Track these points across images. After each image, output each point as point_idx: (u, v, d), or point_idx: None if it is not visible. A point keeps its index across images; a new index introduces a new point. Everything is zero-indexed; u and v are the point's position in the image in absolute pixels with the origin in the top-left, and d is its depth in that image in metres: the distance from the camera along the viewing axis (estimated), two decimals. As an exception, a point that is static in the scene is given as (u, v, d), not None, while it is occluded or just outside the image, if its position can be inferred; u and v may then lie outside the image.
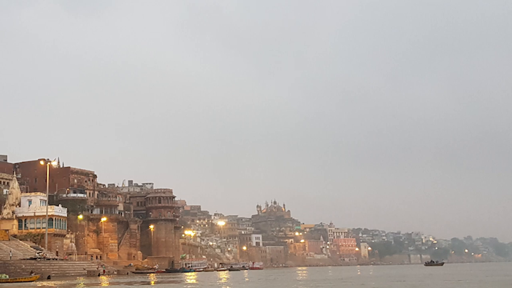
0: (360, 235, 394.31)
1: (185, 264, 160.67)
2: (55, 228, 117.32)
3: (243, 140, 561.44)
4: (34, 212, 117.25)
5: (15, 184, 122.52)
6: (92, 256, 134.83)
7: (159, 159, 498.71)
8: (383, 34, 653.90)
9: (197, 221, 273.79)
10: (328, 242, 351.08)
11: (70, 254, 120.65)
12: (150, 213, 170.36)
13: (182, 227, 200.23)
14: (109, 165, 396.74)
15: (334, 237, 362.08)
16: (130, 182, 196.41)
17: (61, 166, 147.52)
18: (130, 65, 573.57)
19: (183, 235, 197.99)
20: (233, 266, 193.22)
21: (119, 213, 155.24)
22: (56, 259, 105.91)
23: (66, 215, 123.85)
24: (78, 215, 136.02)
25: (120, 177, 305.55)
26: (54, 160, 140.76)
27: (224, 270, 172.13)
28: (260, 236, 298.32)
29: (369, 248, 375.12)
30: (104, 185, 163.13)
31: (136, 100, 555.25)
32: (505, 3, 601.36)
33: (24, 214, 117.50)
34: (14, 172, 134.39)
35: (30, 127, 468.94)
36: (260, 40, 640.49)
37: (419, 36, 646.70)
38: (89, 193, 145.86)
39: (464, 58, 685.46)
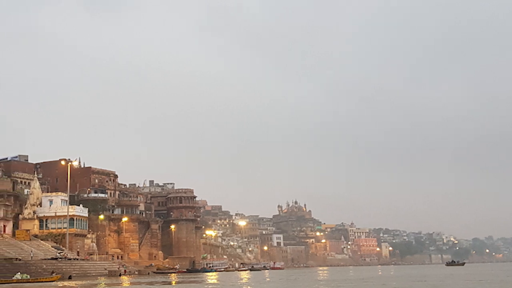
0: (381, 235, 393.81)
1: (206, 264, 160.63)
2: (76, 228, 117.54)
3: (264, 140, 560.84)
4: (55, 212, 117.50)
5: (36, 184, 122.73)
6: (113, 256, 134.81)
7: (180, 159, 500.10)
8: (402, 34, 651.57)
9: (218, 221, 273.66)
10: (349, 242, 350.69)
11: (91, 254, 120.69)
12: (171, 213, 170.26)
13: (203, 227, 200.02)
14: (130, 165, 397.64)
15: (355, 237, 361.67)
16: (151, 182, 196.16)
17: (82, 166, 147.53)
18: (150, 64, 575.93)
19: (204, 235, 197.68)
20: (254, 266, 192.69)
21: (140, 213, 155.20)
22: (77, 259, 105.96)
23: (87, 215, 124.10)
24: (99, 215, 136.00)
25: (141, 177, 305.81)
26: (75, 160, 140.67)
27: (245, 270, 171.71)
28: (281, 236, 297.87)
29: (390, 248, 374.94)
30: (125, 185, 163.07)
31: (157, 100, 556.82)
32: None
33: (45, 214, 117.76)
34: (35, 172, 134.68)
35: (51, 127, 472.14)
36: (279, 41, 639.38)
37: (438, 36, 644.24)
38: (110, 193, 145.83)
39: (483, 58, 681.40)
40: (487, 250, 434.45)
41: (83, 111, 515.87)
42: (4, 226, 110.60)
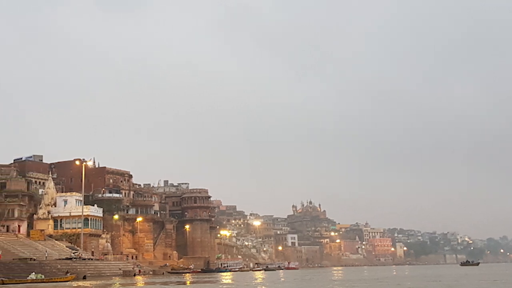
0: (396, 235, 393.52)
1: (221, 264, 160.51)
2: (90, 228, 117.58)
3: (278, 140, 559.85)
4: (70, 212, 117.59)
5: (50, 184, 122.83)
6: (127, 256, 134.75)
7: (195, 159, 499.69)
8: (418, 33, 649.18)
9: (233, 221, 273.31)
10: (363, 242, 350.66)
11: (106, 254, 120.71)
12: (186, 213, 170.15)
13: (218, 227, 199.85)
14: (144, 165, 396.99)
15: (369, 237, 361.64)
16: (166, 182, 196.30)
17: (96, 166, 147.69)
18: (165, 64, 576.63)
19: (218, 235, 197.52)
20: (269, 266, 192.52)
21: (154, 213, 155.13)
22: (91, 259, 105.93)
23: (101, 215, 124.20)
24: (114, 215, 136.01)
25: (156, 177, 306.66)
26: (90, 160, 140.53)
27: (260, 270, 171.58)
28: (295, 236, 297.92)
29: (405, 248, 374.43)
30: (139, 185, 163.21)
31: (171, 100, 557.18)
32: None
33: (60, 214, 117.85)
34: (50, 172, 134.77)
35: (66, 127, 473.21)
36: (294, 40, 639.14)
37: (455, 35, 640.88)
38: (125, 193, 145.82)
39: (496, 58, 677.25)
40: (502, 250, 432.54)
41: (98, 111, 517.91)
42: (19, 226, 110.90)
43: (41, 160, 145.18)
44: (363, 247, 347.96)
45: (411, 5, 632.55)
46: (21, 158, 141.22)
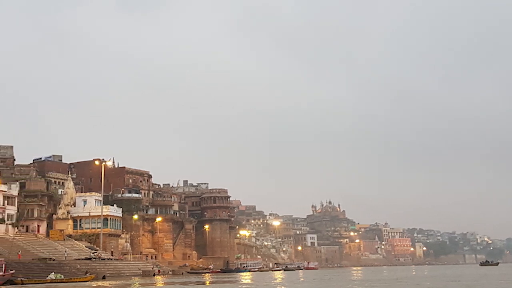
0: (415, 235, 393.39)
1: (240, 264, 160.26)
2: (110, 228, 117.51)
3: (297, 140, 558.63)
4: (89, 212, 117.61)
5: (70, 184, 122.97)
6: (147, 256, 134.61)
7: (214, 159, 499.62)
8: (437, 33, 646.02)
9: (252, 221, 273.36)
10: (383, 242, 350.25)
11: (125, 254, 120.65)
12: (205, 213, 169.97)
13: (237, 227, 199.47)
14: (164, 165, 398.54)
15: (389, 237, 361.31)
16: (185, 182, 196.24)
17: (116, 166, 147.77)
18: (183, 64, 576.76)
19: (238, 235, 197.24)
20: (288, 266, 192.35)
21: (174, 213, 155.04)
22: (111, 259, 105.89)
23: (121, 215, 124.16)
24: (133, 215, 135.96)
25: (175, 177, 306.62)
26: (109, 160, 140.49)
27: (279, 270, 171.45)
28: (315, 236, 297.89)
29: (424, 248, 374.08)
30: (159, 185, 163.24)
31: (190, 100, 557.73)
32: None
33: (79, 214, 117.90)
34: (69, 172, 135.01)
35: (85, 127, 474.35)
36: (313, 41, 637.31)
37: (472, 36, 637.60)
38: (144, 193, 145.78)
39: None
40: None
41: (117, 111, 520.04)
42: (38, 226, 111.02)
43: (61, 160, 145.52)
44: (383, 247, 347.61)
45: (430, 5, 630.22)
46: (41, 158, 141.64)
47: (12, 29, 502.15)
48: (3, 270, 68.17)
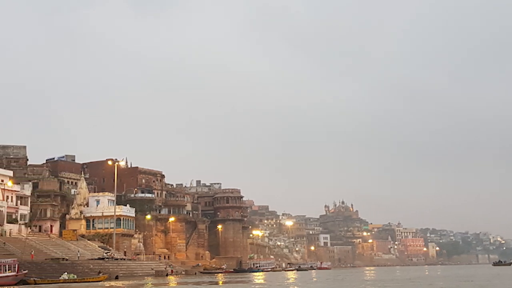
0: (428, 235, 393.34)
1: (253, 264, 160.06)
2: (123, 228, 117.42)
3: (310, 140, 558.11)
4: (102, 212, 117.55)
5: (83, 184, 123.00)
6: (160, 256, 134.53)
7: (228, 159, 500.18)
8: (449, 33, 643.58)
9: (265, 221, 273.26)
10: (396, 242, 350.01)
11: (138, 254, 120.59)
12: (218, 213, 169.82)
13: (250, 227, 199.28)
14: (177, 165, 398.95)
15: (402, 237, 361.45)
16: (198, 182, 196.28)
17: (129, 166, 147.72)
18: (196, 64, 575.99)
19: (251, 235, 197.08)
20: (301, 266, 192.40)
21: (187, 213, 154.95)
22: (124, 259, 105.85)
23: (134, 215, 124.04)
24: (146, 215, 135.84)
25: (188, 177, 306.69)
26: (122, 160, 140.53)
27: (292, 270, 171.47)
28: (328, 236, 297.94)
29: (437, 248, 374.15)
30: (172, 185, 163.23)
31: (203, 100, 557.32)
32: None
33: (92, 214, 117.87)
34: (82, 172, 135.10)
35: (98, 127, 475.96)
36: (324, 40, 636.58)
37: (483, 36, 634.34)
38: (157, 193, 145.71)
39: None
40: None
41: (131, 110, 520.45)
42: (51, 226, 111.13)
43: (74, 160, 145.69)
44: (396, 247, 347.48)
45: (442, 4, 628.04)
46: (54, 158, 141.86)
47: (26, 29, 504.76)
48: (16, 270, 68.24)
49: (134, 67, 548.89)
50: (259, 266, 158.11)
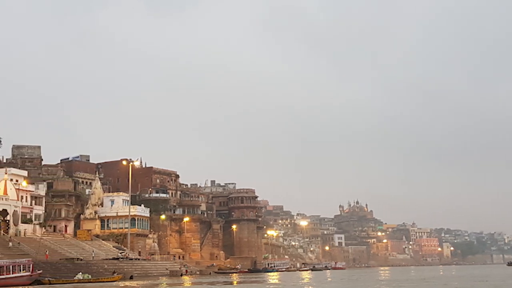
0: (443, 235, 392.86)
1: (268, 264, 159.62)
2: (137, 228, 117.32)
3: (325, 140, 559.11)
4: (117, 212, 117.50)
5: (97, 184, 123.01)
6: (174, 256, 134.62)
7: (241, 159, 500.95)
8: (464, 32, 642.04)
9: (280, 221, 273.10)
10: (410, 242, 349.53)
11: (153, 254, 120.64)
12: (233, 213, 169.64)
13: (265, 227, 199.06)
14: (191, 165, 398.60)
15: (416, 237, 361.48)
16: (213, 182, 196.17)
17: (143, 166, 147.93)
18: (210, 64, 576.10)
19: (265, 235, 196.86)
20: (316, 266, 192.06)
21: (201, 213, 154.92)
22: (138, 259, 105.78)
23: (148, 215, 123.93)
24: (161, 215, 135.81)
25: (203, 177, 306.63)
26: (137, 160, 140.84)
27: (307, 270, 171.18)
28: (342, 236, 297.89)
29: (452, 248, 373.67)
30: (186, 185, 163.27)
31: (217, 100, 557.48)
32: None
33: (107, 214, 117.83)
34: (97, 172, 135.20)
35: (113, 127, 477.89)
36: (340, 40, 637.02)
37: (501, 36, 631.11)
38: (172, 193, 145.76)
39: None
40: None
41: (145, 111, 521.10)
42: (66, 226, 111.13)
43: (88, 160, 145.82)
44: (410, 247, 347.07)
45: (457, 4, 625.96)
46: (68, 158, 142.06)
47: (39, 30, 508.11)
48: (31, 270, 68.20)
49: (147, 67, 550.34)
50: (274, 266, 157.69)
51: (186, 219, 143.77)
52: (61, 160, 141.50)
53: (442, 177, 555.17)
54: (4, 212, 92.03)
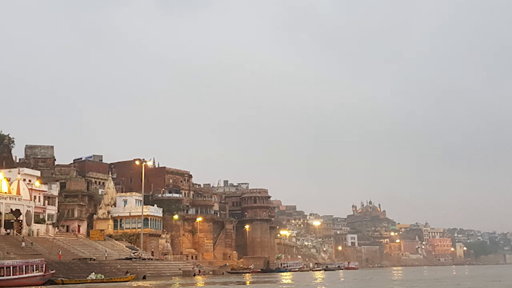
0: (456, 235, 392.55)
1: (281, 264, 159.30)
2: (150, 228, 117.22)
3: (337, 139, 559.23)
4: (130, 212, 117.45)
5: (110, 184, 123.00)
6: (187, 256, 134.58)
7: (254, 159, 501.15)
8: (479, 34, 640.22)
9: (293, 221, 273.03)
10: (423, 242, 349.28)
11: (166, 254, 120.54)
12: (246, 213, 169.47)
13: (278, 227, 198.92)
14: (204, 165, 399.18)
15: (429, 237, 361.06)
16: (226, 182, 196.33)
17: (156, 166, 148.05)
18: (224, 64, 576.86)
19: (278, 235, 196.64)
20: (329, 266, 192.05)
21: (214, 213, 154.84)
22: (151, 259, 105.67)
23: (161, 215, 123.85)
24: (174, 215, 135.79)
25: (216, 177, 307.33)
26: (150, 160, 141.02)
27: (320, 270, 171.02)
28: (355, 236, 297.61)
29: (465, 248, 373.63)
30: (199, 185, 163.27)
31: (231, 100, 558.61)
32: None
33: (120, 214, 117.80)
34: (110, 172, 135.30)
35: (126, 127, 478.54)
36: (354, 40, 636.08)
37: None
38: (185, 193, 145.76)
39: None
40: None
41: (158, 111, 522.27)
42: (79, 226, 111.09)
43: (101, 160, 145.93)
44: (423, 247, 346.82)
45: (474, 4, 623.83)
46: (81, 158, 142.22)
47: (52, 29, 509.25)
48: (44, 270, 68.25)
49: (160, 67, 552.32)
50: (287, 266, 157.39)
51: (199, 219, 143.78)
52: (74, 160, 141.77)
53: (455, 177, 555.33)
54: (17, 212, 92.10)
